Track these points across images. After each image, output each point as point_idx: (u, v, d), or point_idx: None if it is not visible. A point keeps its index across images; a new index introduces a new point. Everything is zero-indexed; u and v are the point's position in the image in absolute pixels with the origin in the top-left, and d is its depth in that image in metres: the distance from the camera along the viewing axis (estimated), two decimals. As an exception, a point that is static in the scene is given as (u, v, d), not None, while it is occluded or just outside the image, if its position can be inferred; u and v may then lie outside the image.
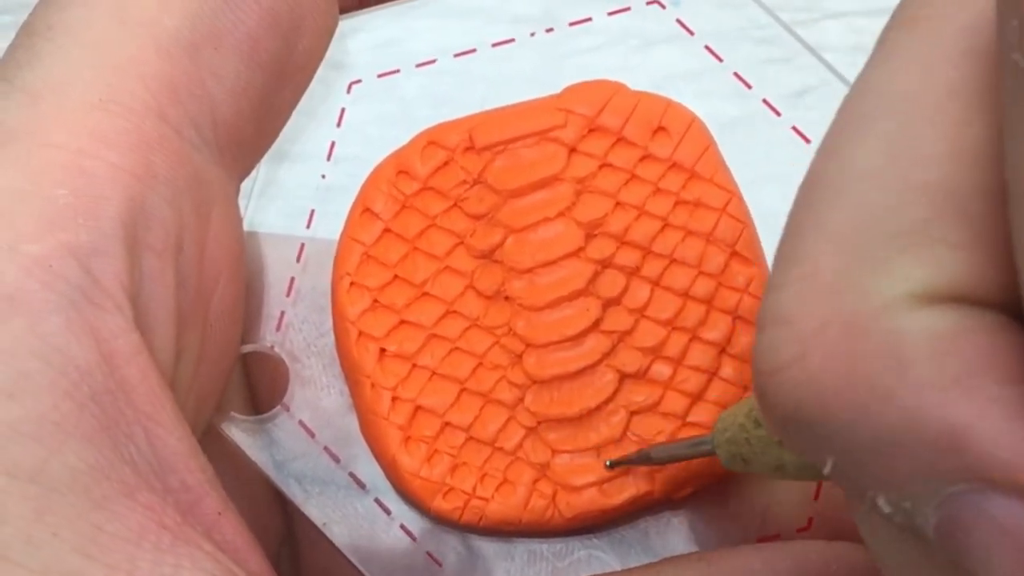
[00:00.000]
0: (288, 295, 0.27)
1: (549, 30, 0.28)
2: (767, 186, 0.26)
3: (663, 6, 0.27)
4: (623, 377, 0.25)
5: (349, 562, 0.26)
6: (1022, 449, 0.14)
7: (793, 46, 0.27)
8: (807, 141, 0.26)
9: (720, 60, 0.27)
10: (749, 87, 0.27)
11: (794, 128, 0.27)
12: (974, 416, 0.14)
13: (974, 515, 0.14)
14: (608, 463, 0.25)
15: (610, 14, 0.28)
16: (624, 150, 0.26)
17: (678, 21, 0.27)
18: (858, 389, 0.14)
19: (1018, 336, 0.14)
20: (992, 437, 0.14)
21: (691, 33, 0.27)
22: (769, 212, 0.26)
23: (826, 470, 0.16)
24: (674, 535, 0.26)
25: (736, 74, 0.27)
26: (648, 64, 0.27)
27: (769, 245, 0.26)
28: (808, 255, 0.16)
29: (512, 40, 0.28)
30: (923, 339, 0.14)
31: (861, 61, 0.26)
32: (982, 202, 0.15)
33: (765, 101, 0.27)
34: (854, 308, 0.15)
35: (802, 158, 0.17)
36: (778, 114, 0.27)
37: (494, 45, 0.28)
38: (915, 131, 0.15)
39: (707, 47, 0.27)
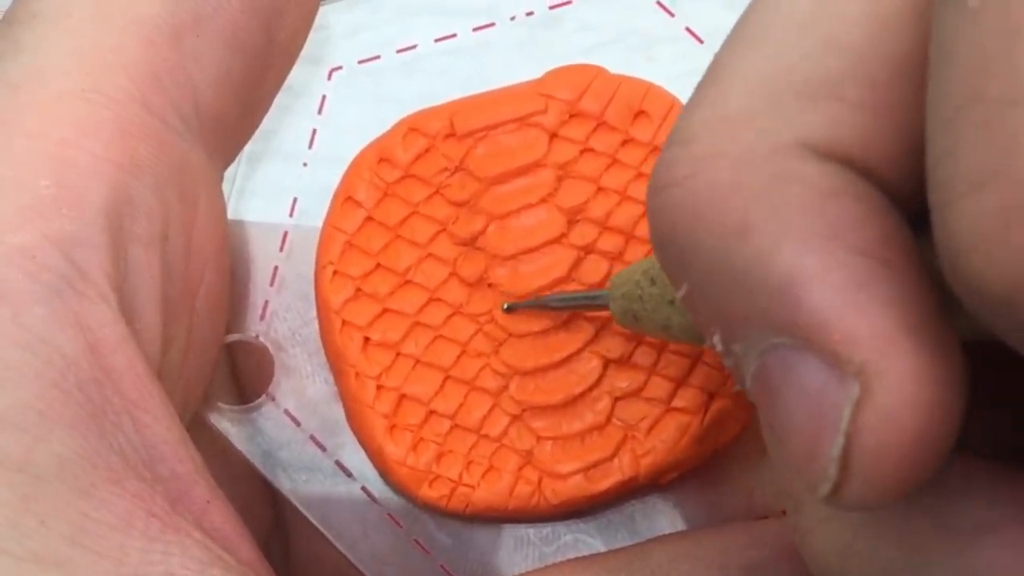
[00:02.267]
0: (272, 284, 0.28)
1: (529, 13, 0.28)
2: None
3: (671, 14, 0.28)
4: (607, 363, 0.25)
5: (338, 550, 0.27)
6: (845, 316, 0.14)
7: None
8: None
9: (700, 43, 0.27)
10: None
11: None
12: (816, 273, 0.14)
13: (785, 369, 0.15)
14: (504, 306, 0.25)
15: None
16: (605, 135, 0.26)
17: (687, 30, 0.28)
18: (727, 218, 0.15)
19: (885, 212, 0.15)
20: (824, 298, 0.14)
21: (700, 42, 0.28)
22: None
23: (680, 294, 0.16)
24: (661, 519, 0.26)
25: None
26: (651, 66, 0.27)
27: None
28: (722, 87, 0.16)
29: (493, 24, 0.28)
30: (800, 188, 0.15)
31: None
32: (892, 70, 0.15)
33: None
34: (749, 144, 0.16)
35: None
36: None
37: (475, 30, 0.28)
38: None
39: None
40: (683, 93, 0.26)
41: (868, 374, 0.14)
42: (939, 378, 0.14)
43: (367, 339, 0.26)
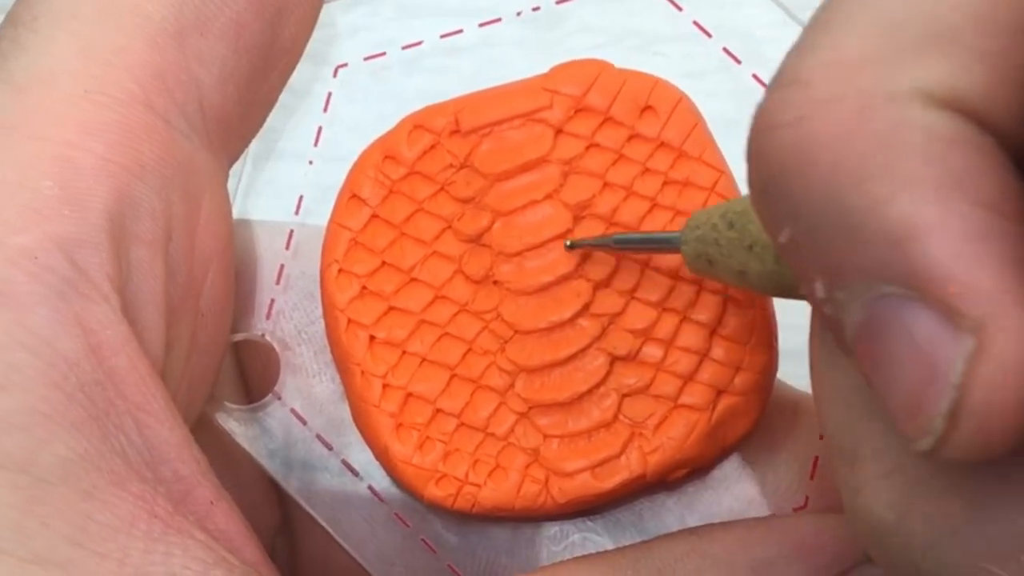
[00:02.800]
0: (278, 282, 0.28)
1: (536, 8, 0.28)
2: None
3: (679, 8, 0.28)
4: (614, 360, 0.25)
5: (345, 550, 0.27)
6: (964, 268, 0.14)
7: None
8: None
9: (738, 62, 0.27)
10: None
11: None
12: (935, 224, 0.14)
13: (895, 320, 0.15)
14: (567, 243, 0.25)
15: None
16: (611, 130, 0.26)
17: (694, 23, 0.28)
18: (843, 164, 0.15)
19: (1004, 166, 0.15)
20: (942, 249, 0.14)
21: (709, 36, 0.28)
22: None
23: (782, 238, 0.16)
24: (669, 516, 0.26)
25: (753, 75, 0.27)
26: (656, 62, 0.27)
27: None
28: (839, 31, 0.16)
29: (499, 20, 0.28)
30: (921, 136, 0.15)
31: None
32: (1017, 19, 0.15)
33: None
34: (869, 89, 0.15)
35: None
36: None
37: (481, 25, 0.28)
38: None
39: (724, 48, 0.27)
40: (691, 89, 0.26)
41: (986, 329, 0.14)
42: None
43: (373, 337, 0.26)
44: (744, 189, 0.26)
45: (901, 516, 0.17)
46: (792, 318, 0.23)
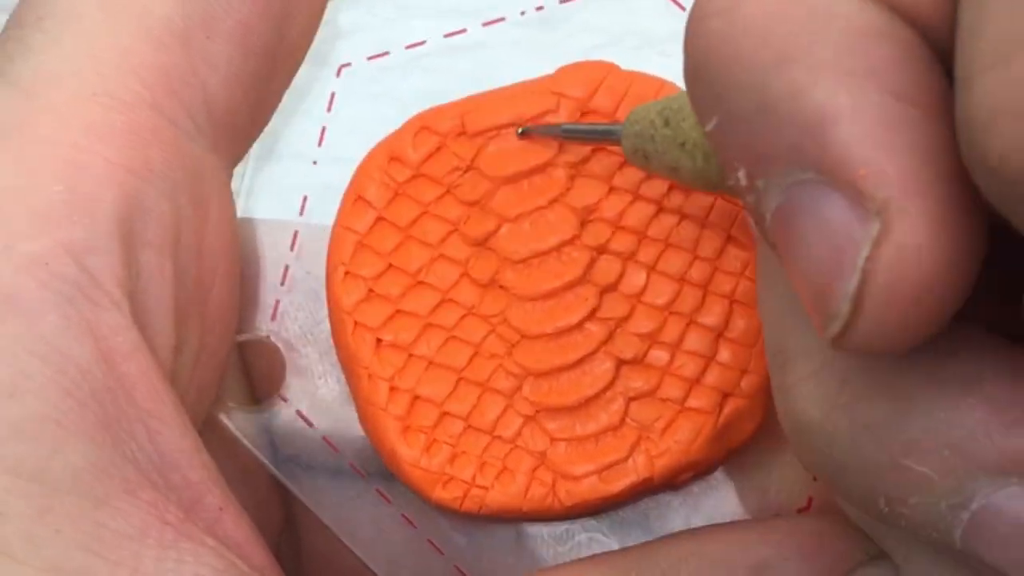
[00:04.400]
0: (283, 283, 0.28)
1: (539, 8, 0.28)
2: None
3: (682, 7, 0.28)
4: (620, 364, 0.26)
5: (350, 550, 0.27)
6: (873, 153, 0.14)
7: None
8: None
9: None
10: None
11: None
12: (848, 110, 0.15)
13: (807, 205, 0.15)
14: (518, 131, 0.26)
15: None
16: None
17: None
18: (765, 50, 0.15)
19: (924, 60, 0.15)
20: (853, 134, 0.15)
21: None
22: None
23: (709, 126, 0.16)
24: (675, 517, 0.26)
25: None
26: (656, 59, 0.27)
27: None
28: None
29: (503, 19, 0.28)
30: (841, 24, 0.15)
31: None
32: None
33: None
34: None
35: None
36: None
37: (485, 24, 0.28)
38: None
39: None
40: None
41: (890, 211, 0.14)
42: (958, 226, 0.14)
43: (379, 340, 0.26)
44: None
45: (826, 414, 0.17)
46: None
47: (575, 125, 0.26)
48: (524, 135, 0.26)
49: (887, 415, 0.16)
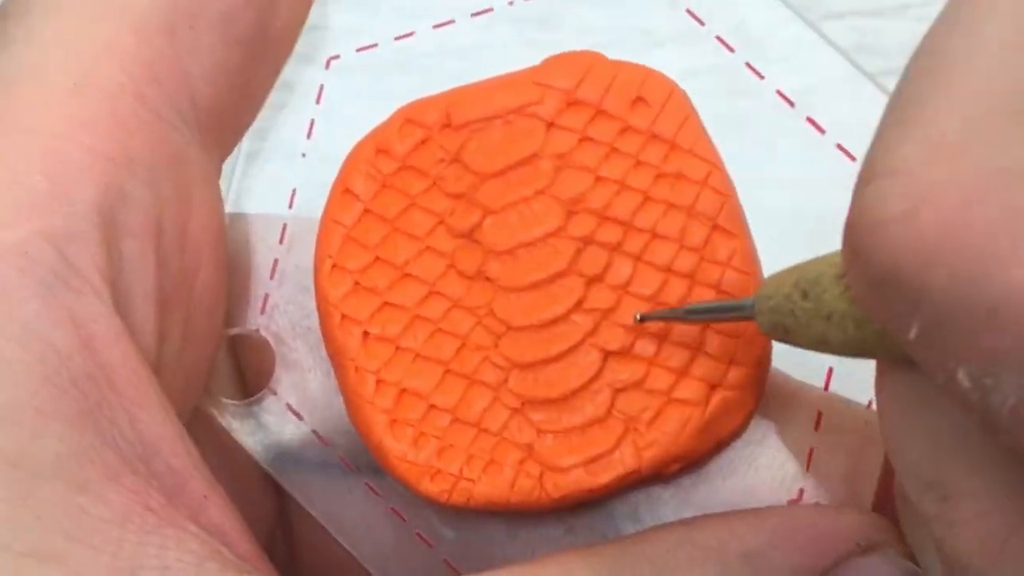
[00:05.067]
0: (272, 277, 0.28)
1: (528, -1, 0.29)
2: (777, 185, 0.27)
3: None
4: (607, 355, 0.26)
5: (341, 543, 0.27)
6: None
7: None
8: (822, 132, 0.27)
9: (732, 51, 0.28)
10: (762, 77, 0.27)
11: (809, 119, 0.27)
12: None
13: None
14: (638, 316, 0.25)
15: None
16: (603, 123, 0.26)
17: (688, 11, 0.28)
18: (966, 255, 0.15)
19: None
20: None
21: (702, 24, 0.28)
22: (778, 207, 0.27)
23: (911, 335, 0.16)
24: (664, 509, 0.26)
25: (748, 64, 0.28)
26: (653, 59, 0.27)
27: (780, 243, 0.26)
28: (932, 115, 0.16)
29: (490, 10, 0.28)
30: None
31: (863, 61, 0.27)
32: None
33: (779, 92, 0.27)
34: (977, 173, 0.15)
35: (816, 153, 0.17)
36: (792, 105, 0.27)
37: (473, 15, 0.29)
38: None
39: (718, 37, 0.28)
40: (684, 81, 0.27)
41: None
42: None
43: (367, 333, 0.26)
44: (740, 186, 0.26)
45: (994, 554, 0.17)
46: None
47: (698, 305, 0.25)
48: (643, 321, 0.25)
49: None
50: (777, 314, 0.22)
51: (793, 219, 0.26)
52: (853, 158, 0.27)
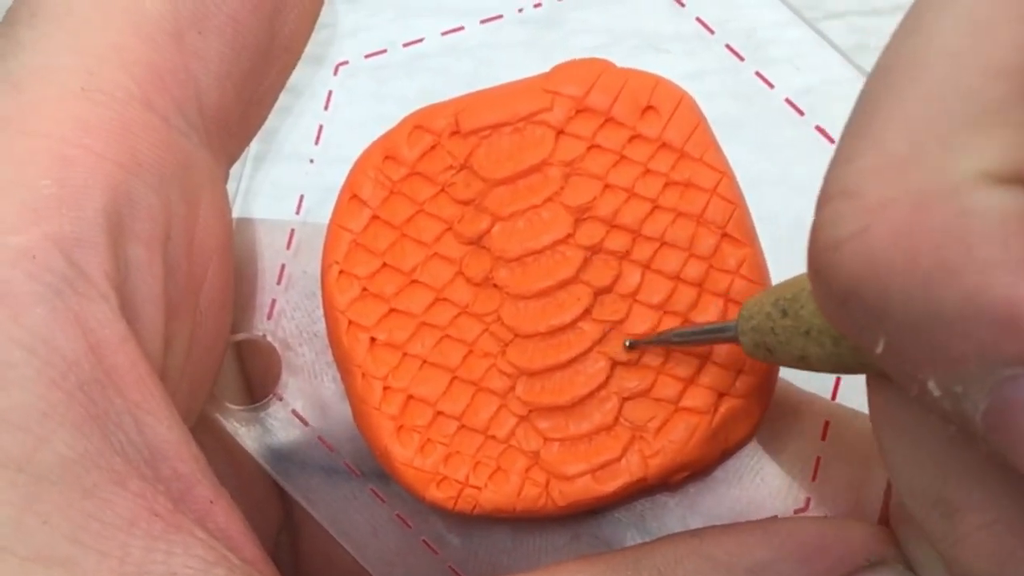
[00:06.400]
0: (279, 282, 0.28)
1: (537, 5, 0.29)
2: (786, 192, 0.27)
3: (682, 3, 0.28)
4: (615, 364, 0.26)
5: (347, 549, 0.27)
6: None
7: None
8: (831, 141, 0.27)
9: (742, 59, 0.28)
10: (771, 87, 0.27)
11: (818, 128, 0.27)
12: None
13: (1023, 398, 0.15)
14: (627, 343, 0.25)
15: None
16: (612, 131, 0.26)
17: (697, 19, 0.28)
18: (921, 265, 0.15)
19: None
20: None
21: (711, 32, 0.28)
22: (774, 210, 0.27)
23: (879, 349, 0.16)
24: (670, 517, 0.26)
25: (758, 73, 0.28)
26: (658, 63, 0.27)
27: (784, 246, 0.26)
28: (880, 131, 0.16)
29: (500, 16, 0.29)
30: (993, 218, 0.15)
31: (862, 60, 0.27)
32: None
33: (788, 100, 0.27)
34: (924, 184, 0.15)
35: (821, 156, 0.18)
36: (801, 113, 0.27)
37: (482, 22, 0.29)
38: (996, 12, 0.16)
39: (727, 46, 0.28)
40: (693, 87, 0.27)
41: None
42: None
43: (374, 339, 0.26)
44: (748, 191, 0.26)
45: (1001, 566, 0.17)
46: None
47: (684, 330, 0.25)
48: (632, 348, 0.26)
49: None
50: (758, 333, 0.22)
51: (802, 227, 0.27)
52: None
